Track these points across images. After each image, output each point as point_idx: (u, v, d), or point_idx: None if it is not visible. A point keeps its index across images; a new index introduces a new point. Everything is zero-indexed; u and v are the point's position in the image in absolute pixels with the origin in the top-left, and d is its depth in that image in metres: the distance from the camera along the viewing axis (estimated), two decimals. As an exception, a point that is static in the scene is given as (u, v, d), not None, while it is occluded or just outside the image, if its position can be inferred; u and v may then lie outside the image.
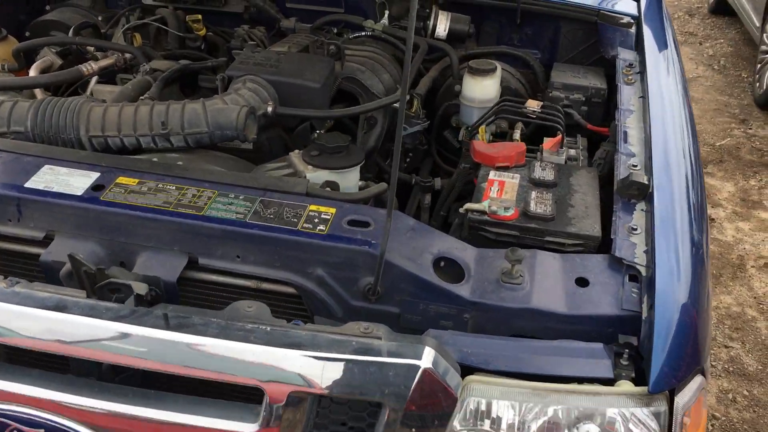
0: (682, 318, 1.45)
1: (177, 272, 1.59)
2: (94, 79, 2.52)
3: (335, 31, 2.93)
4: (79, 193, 1.67)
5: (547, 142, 2.22)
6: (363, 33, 2.67)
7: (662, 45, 2.64)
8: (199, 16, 2.90)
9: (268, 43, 2.73)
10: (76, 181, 1.71)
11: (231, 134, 2.03)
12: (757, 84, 6.67)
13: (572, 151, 2.23)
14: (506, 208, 1.74)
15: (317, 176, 1.92)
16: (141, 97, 2.19)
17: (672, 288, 1.49)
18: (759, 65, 6.68)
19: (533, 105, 2.31)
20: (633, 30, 2.73)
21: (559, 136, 2.20)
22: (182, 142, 2.03)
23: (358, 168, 1.99)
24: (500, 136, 2.42)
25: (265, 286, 1.64)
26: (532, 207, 1.77)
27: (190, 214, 1.62)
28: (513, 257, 1.51)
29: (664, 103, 2.18)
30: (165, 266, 1.60)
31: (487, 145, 2.08)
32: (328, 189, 1.78)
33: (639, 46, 2.64)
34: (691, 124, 2.19)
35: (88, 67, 2.42)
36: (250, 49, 2.37)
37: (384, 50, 2.83)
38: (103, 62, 2.49)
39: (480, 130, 2.32)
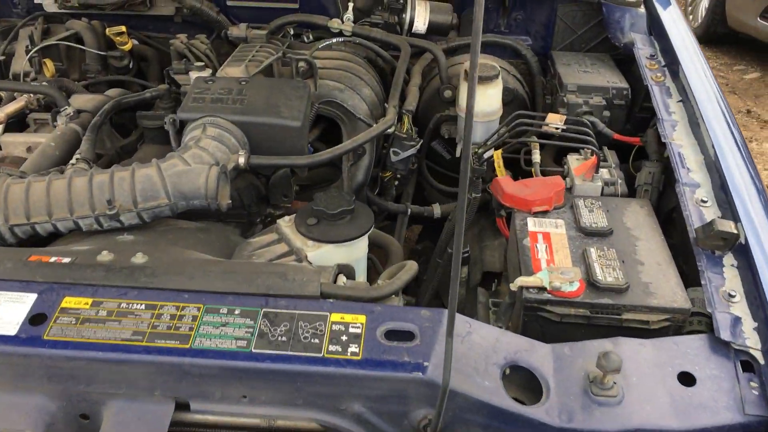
0: (826, 423, 1.19)
1: (163, 428, 1.22)
2: (0, 126, 2.04)
3: (291, 32, 2.51)
4: (13, 332, 1.26)
5: (579, 167, 1.91)
6: (334, 40, 2.27)
7: (681, 27, 2.35)
8: (123, 28, 2.42)
9: (216, 60, 2.29)
10: (5, 311, 1.30)
11: (199, 204, 1.64)
12: (690, 17, 6.56)
13: (605, 173, 1.94)
14: (571, 282, 1.43)
15: (320, 254, 1.56)
16: (71, 162, 1.74)
17: (805, 383, 1.23)
18: None
19: (555, 119, 1.99)
20: (642, 10, 2.43)
21: (593, 159, 1.90)
22: (136, 219, 1.62)
23: (367, 235, 1.63)
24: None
25: (281, 423, 1.29)
26: (600, 274, 1.47)
27: (173, 347, 1.24)
28: (609, 367, 1.21)
29: (709, 109, 1.90)
30: (145, 420, 1.23)
31: (517, 185, 1.76)
32: (343, 279, 1.43)
33: (655, 30, 2.35)
34: (737, 131, 1.92)
35: (-8, 116, 1.94)
36: (202, 78, 1.94)
37: (355, 51, 2.44)
38: (11, 107, 2.02)
39: (495, 156, 1.99)
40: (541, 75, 2.61)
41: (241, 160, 1.74)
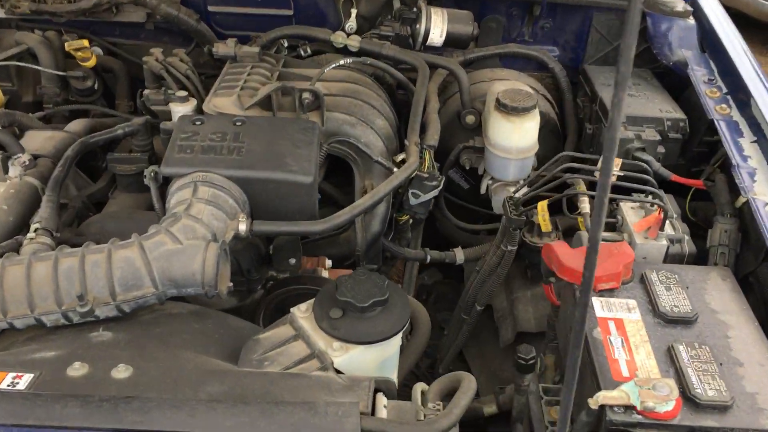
0: None
1: None
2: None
3: (286, 45, 2.21)
4: None
5: (641, 222, 1.67)
6: (342, 62, 1.96)
7: (735, 39, 2.11)
8: (85, 42, 2.10)
9: (200, 81, 1.98)
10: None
11: (194, 291, 1.36)
12: None
13: (669, 226, 1.70)
14: (666, 401, 1.19)
15: (349, 359, 1.29)
16: (29, 236, 1.44)
17: None
18: None
19: (609, 164, 1.73)
20: (692, 21, 2.18)
21: (658, 214, 1.65)
22: (114, 312, 1.34)
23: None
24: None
25: None
26: (698, 386, 1.23)
27: None
28: None
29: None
30: None
31: (576, 255, 1.50)
32: (384, 401, 1.16)
33: (709, 46, 2.10)
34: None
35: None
36: (188, 118, 1.64)
37: (361, 67, 2.14)
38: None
39: (539, 207, 1.74)
40: (570, 92, 2.36)
41: (242, 227, 1.47)
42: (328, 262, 1.81)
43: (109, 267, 1.31)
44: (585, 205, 1.77)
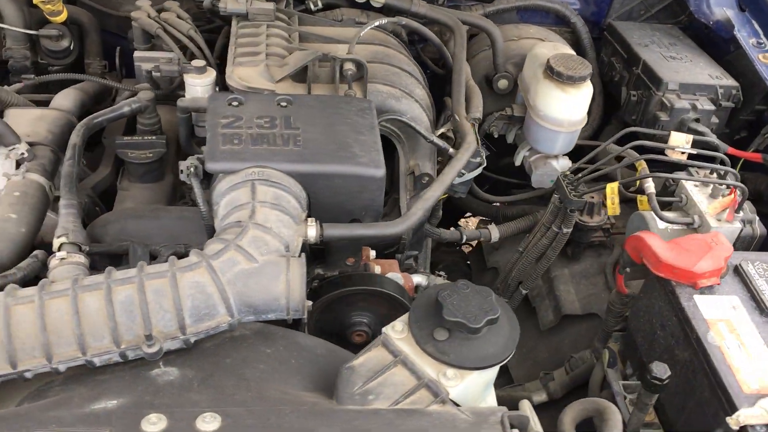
0: None
1: None
2: None
3: (290, -2, 1.96)
4: None
5: (716, 205, 1.59)
6: (376, 23, 1.73)
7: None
8: (57, -7, 1.77)
9: (207, 50, 1.72)
10: None
11: (276, 317, 1.18)
12: None
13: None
14: (812, 418, 1.13)
15: (465, 388, 1.16)
16: (58, 255, 1.19)
17: None
18: None
19: (678, 141, 1.64)
20: (728, -25, 2.09)
21: (732, 196, 1.58)
22: (179, 344, 1.14)
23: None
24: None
25: None
26: (837, 399, 1.18)
27: None
28: None
29: None
30: None
31: (671, 248, 1.41)
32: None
33: (748, 4, 2.01)
34: None
35: None
36: (223, 98, 1.40)
37: (385, 26, 1.93)
38: None
39: (608, 190, 1.63)
40: (593, 50, 2.24)
41: (312, 233, 1.28)
42: (372, 253, 1.65)
43: (177, 295, 1.10)
44: (649, 185, 1.67)
